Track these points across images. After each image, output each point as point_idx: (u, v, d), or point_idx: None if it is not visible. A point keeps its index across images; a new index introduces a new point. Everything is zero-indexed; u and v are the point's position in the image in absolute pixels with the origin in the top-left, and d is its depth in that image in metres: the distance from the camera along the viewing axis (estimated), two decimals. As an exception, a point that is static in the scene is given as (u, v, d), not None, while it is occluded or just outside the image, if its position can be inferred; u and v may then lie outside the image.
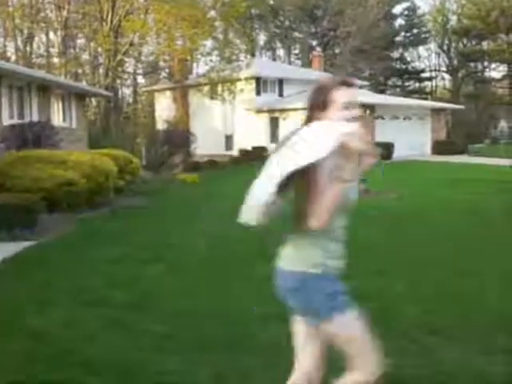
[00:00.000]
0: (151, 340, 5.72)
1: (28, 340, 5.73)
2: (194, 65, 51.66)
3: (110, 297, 7.20)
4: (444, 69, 71.83)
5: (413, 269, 8.54)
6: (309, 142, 2.94)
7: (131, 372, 5.00)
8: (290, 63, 61.55)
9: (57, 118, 22.52)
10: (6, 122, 17.95)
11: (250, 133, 37.91)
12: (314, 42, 63.06)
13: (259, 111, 38.12)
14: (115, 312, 6.63)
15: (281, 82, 40.13)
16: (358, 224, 12.62)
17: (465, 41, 67.73)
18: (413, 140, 37.23)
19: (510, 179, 21.80)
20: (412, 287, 7.54)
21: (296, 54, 67.31)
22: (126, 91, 56.55)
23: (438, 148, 38.36)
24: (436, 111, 40.43)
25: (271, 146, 36.74)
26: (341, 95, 3.16)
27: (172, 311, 6.65)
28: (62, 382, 4.81)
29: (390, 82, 72.23)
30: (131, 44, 38.26)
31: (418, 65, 73.09)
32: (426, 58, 75.00)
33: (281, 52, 68.80)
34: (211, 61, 40.53)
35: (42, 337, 5.82)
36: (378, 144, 32.82)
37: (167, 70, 50.71)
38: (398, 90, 69.68)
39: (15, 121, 18.45)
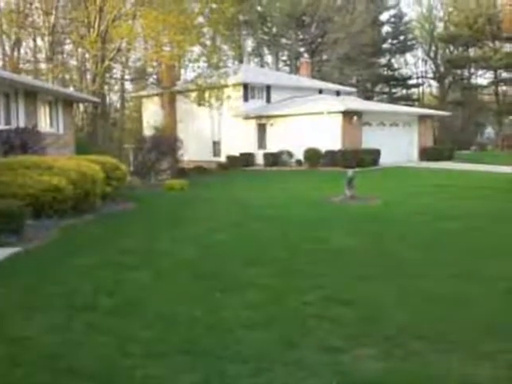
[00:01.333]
0: (137, 345, 5.71)
1: (12, 345, 5.71)
2: (182, 71, 51.65)
3: (96, 302, 7.19)
4: (431, 75, 72.25)
5: (399, 274, 8.57)
6: None
7: (117, 378, 4.99)
8: (277, 70, 61.67)
9: (44, 124, 22.43)
10: (-7, 127, 17.89)
11: (238, 139, 37.95)
12: (302, 49, 63.23)
13: (247, 117, 38.15)
14: (101, 317, 6.63)
15: (268, 88, 40.23)
16: (344, 229, 12.69)
17: (451, 48, 68.14)
18: (399, 146, 37.36)
19: (493, 185, 21.95)
20: (398, 292, 7.57)
21: (284, 61, 67.46)
22: (114, 97, 56.46)
23: (425, 154, 38.50)
24: (423, 118, 40.56)
25: (259, 153, 36.82)
26: None
27: (158, 317, 6.65)
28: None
29: (377, 89, 72.56)
30: (119, 50, 38.19)
31: (405, 71, 73.50)
32: (413, 64, 75.20)
33: (269, 58, 68.98)
34: (199, 67, 40.54)
35: (27, 342, 5.81)
36: (365, 150, 32.97)
37: (155, 76, 50.69)
38: (385, 96, 70.02)
39: (2, 127, 18.36)
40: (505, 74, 63.63)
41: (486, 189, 20.91)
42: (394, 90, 72.31)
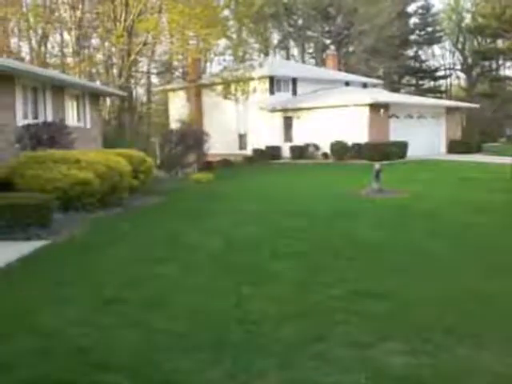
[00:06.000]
0: (166, 338, 5.72)
1: (43, 338, 5.75)
2: (208, 64, 51.70)
3: (125, 295, 7.21)
4: (458, 67, 71.54)
5: (427, 268, 8.50)
6: None
7: (145, 370, 5.00)
8: (303, 62, 61.46)
9: (71, 118, 22.56)
10: (21, 122, 18.01)
11: (264, 132, 37.90)
12: (328, 41, 62.94)
13: (273, 110, 38.08)
14: (131, 310, 6.65)
15: (294, 81, 40.08)
16: (372, 223, 12.61)
17: (479, 39, 67.41)
18: (427, 139, 37.05)
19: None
20: (426, 286, 7.50)
21: (310, 53, 67.19)
22: (140, 91, 56.69)
23: (453, 147, 38.15)
24: (451, 110, 40.19)
25: (285, 145, 36.75)
26: None
27: (186, 310, 6.66)
28: (75, 380, 4.83)
29: (404, 81, 72.03)
30: (145, 43, 38.32)
31: (433, 63, 72.85)
32: (441, 56, 74.48)
33: (294, 51, 68.76)
34: (224, 60, 40.57)
35: (58, 335, 5.85)
36: (392, 143, 32.74)
37: (181, 70, 50.78)
38: (412, 88, 69.44)
39: (30, 121, 18.51)
40: (533, 66, 62.87)
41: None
42: (421, 82, 71.69)
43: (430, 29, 69.73)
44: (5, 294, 7.44)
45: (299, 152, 35.49)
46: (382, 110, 33.76)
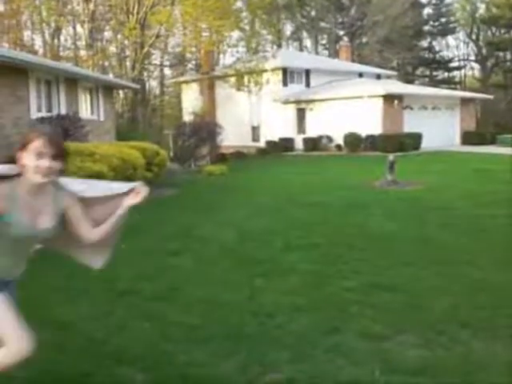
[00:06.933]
0: (179, 331, 5.73)
1: (56, 330, 5.76)
2: (221, 56, 51.67)
3: (138, 288, 7.23)
4: (473, 58, 71.09)
5: (441, 260, 8.46)
6: None
7: (159, 363, 5.01)
8: (316, 53, 61.28)
9: (85, 111, 22.62)
10: (35, 115, 18.08)
11: (277, 124, 37.87)
12: (341, 32, 62.70)
13: (286, 102, 38.03)
14: (144, 303, 6.66)
15: (307, 72, 40.00)
16: (386, 215, 12.56)
17: (493, 29, 66.90)
18: (441, 130, 36.90)
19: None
20: (440, 279, 7.47)
21: (323, 44, 66.99)
22: (153, 83, 56.74)
23: (467, 138, 37.97)
24: (465, 101, 39.96)
25: (298, 137, 36.69)
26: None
27: (200, 302, 6.66)
28: (90, 373, 4.84)
29: (418, 72, 71.62)
30: (157, 36, 38.34)
31: (447, 54, 72.41)
32: (455, 47, 74.10)
33: (307, 42, 68.57)
34: (237, 52, 40.55)
35: (71, 327, 5.87)
36: (407, 135, 32.60)
37: (194, 62, 50.78)
38: (426, 79, 69.06)
39: (44, 114, 18.57)
40: (549, 56, 62.32)
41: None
42: (435, 73, 71.28)
43: (443, 19, 69.26)
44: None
45: (312, 144, 35.44)
46: (395, 102, 33.63)
